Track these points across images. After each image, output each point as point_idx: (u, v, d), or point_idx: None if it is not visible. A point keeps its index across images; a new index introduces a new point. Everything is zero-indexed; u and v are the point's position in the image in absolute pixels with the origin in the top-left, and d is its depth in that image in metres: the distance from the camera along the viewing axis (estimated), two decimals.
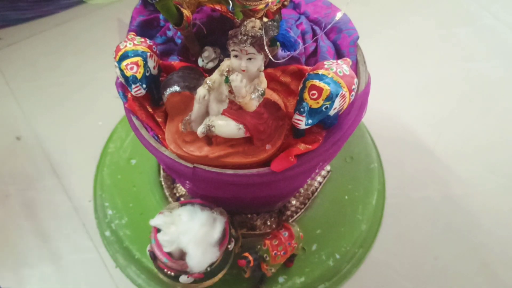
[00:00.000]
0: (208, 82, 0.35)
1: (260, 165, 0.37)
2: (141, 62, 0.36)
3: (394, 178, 0.60)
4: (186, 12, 0.37)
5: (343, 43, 0.42)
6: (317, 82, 0.33)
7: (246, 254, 0.45)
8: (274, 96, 0.40)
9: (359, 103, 0.39)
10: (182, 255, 0.40)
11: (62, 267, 0.53)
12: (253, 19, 0.33)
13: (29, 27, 0.81)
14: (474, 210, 0.58)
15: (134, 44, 0.37)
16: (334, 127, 0.38)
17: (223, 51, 0.41)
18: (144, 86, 0.37)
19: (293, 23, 0.44)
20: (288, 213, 0.54)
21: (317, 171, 0.42)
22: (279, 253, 0.45)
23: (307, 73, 0.35)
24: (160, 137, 0.39)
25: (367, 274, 0.53)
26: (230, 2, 0.34)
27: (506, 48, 0.77)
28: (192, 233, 0.40)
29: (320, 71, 0.34)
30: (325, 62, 0.35)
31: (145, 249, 0.43)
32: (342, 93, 0.34)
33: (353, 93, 0.35)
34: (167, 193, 0.56)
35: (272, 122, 0.37)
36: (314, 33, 0.44)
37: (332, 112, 0.35)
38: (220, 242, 0.41)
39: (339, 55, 0.42)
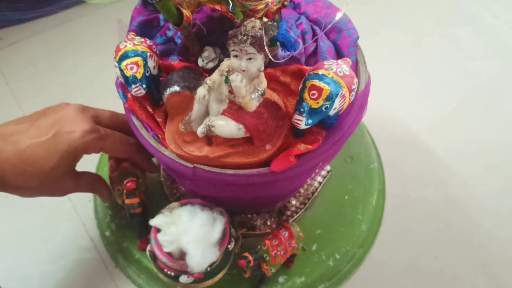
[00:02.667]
0: (208, 82, 0.35)
1: (260, 165, 0.37)
2: (141, 62, 0.36)
3: (394, 178, 0.60)
4: (186, 12, 0.37)
5: (343, 43, 0.42)
6: (317, 82, 0.33)
7: (246, 254, 0.45)
8: (274, 96, 0.40)
9: (359, 103, 0.39)
10: (182, 255, 0.40)
11: (62, 267, 0.53)
12: (253, 19, 0.33)
13: (29, 27, 0.81)
14: (474, 210, 0.58)
15: (134, 44, 0.37)
16: (334, 127, 0.38)
17: (223, 51, 0.41)
18: (144, 86, 0.37)
19: (293, 23, 0.44)
20: (288, 213, 0.54)
21: (317, 171, 0.42)
22: (279, 253, 0.45)
23: (307, 73, 0.35)
24: (160, 137, 0.39)
25: (367, 274, 0.53)
26: (230, 2, 0.34)
27: (506, 48, 0.77)
28: (192, 233, 0.40)
29: (320, 71, 0.34)
30: (325, 62, 0.35)
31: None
32: (342, 93, 0.34)
33: (353, 93, 0.35)
34: (167, 193, 0.56)
35: (272, 122, 0.37)
36: (314, 33, 0.44)
37: (332, 112, 0.35)
38: (220, 242, 0.41)
39: (339, 55, 0.42)
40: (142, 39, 0.38)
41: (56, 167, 0.40)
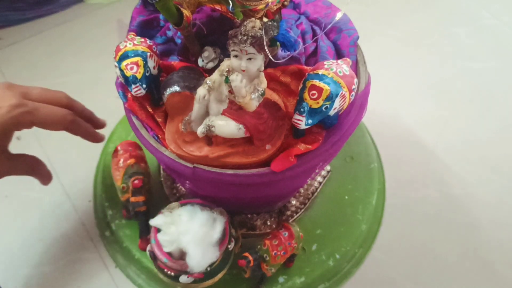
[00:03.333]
0: (208, 82, 0.35)
1: (260, 165, 0.37)
2: (141, 62, 0.36)
3: (394, 178, 0.60)
4: (186, 12, 0.37)
5: (343, 43, 0.42)
6: (317, 82, 0.33)
7: (246, 254, 0.45)
8: (274, 96, 0.40)
9: (359, 103, 0.39)
10: (182, 255, 0.40)
11: (62, 267, 0.53)
12: (253, 19, 0.33)
13: (29, 27, 0.81)
14: (474, 210, 0.58)
15: (134, 44, 0.37)
16: (334, 127, 0.38)
17: (223, 51, 0.41)
18: (144, 86, 0.37)
19: (293, 23, 0.44)
20: (288, 213, 0.54)
21: (317, 171, 0.42)
22: (279, 253, 0.45)
23: (307, 73, 0.35)
24: (160, 137, 0.39)
25: (367, 274, 0.53)
26: (230, 2, 0.34)
27: (506, 48, 0.77)
28: (192, 233, 0.40)
29: (320, 71, 0.34)
30: (325, 62, 0.35)
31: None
32: (342, 93, 0.34)
33: (353, 93, 0.35)
34: (167, 193, 0.56)
35: (272, 122, 0.37)
36: (314, 33, 0.44)
37: (332, 112, 0.35)
38: (220, 242, 0.41)
39: (339, 55, 0.42)
40: (142, 39, 0.38)
41: None
